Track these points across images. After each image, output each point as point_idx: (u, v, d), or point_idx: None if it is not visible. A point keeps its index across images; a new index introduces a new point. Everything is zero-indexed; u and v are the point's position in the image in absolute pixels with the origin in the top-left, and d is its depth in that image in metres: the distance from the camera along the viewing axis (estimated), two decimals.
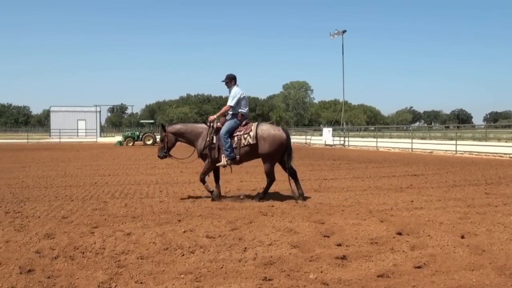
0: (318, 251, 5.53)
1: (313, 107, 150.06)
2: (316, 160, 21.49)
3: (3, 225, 7.04)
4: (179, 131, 9.62)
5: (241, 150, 9.21)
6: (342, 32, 56.28)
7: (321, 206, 8.64)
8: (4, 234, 6.45)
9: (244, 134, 9.21)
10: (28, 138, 52.66)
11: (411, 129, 61.08)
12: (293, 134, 56.07)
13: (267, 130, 9.34)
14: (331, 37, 58.03)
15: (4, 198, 9.65)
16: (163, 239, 6.12)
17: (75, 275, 4.69)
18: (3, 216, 7.77)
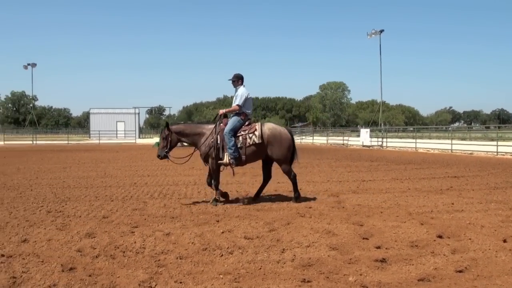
0: (357, 253, 5.50)
1: (351, 107, 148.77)
2: (354, 161, 21.30)
3: (45, 224, 7.25)
4: (183, 131, 9.40)
5: (246, 150, 9.10)
6: (380, 31, 55.71)
7: (360, 208, 8.57)
8: (46, 232, 6.64)
9: (249, 134, 9.12)
10: (68, 140, 53.79)
11: (450, 130, 60.08)
12: (330, 135, 55.69)
13: (274, 129, 9.33)
14: (368, 36, 57.55)
15: (46, 198, 9.92)
16: (202, 239, 6.19)
17: (116, 273, 4.80)
18: (45, 215, 8.00)
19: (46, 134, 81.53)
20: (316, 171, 15.97)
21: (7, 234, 6.53)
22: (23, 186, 11.98)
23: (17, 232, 6.62)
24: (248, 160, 9.24)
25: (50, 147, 41.35)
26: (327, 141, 47.78)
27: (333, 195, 10.08)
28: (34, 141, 50.32)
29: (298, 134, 64.62)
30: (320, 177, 13.91)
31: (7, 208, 8.67)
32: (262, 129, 9.17)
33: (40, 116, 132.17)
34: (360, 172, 15.79)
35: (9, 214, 8.07)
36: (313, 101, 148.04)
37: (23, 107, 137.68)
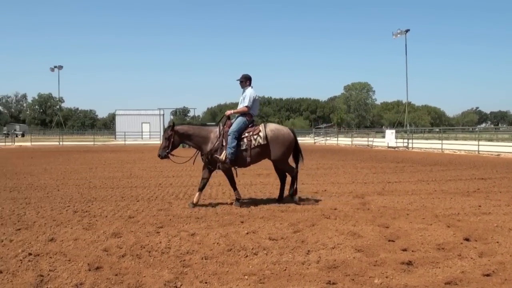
0: (383, 255, 5.44)
1: (375, 108, 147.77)
2: (379, 162, 21.12)
3: (72, 223, 7.35)
4: (186, 133, 9.18)
5: (251, 152, 9.03)
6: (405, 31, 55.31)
7: (385, 209, 8.49)
8: (73, 232, 6.73)
9: (254, 135, 9.05)
10: (94, 141, 54.49)
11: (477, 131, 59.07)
12: (355, 136, 55.32)
13: (277, 129, 9.30)
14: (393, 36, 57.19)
15: (72, 198, 10.06)
16: (227, 240, 6.20)
17: (142, 273, 4.84)
18: (72, 215, 8.12)
19: (72, 135, 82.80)
20: (341, 173, 15.88)
21: (35, 233, 6.65)
22: (50, 186, 12.18)
23: (44, 231, 6.73)
24: (252, 161, 9.18)
25: (76, 148, 42.03)
26: (352, 142, 47.48)
27: (358, 197, 10.01)
28: (60, 142, 51.11)
29: (322, 135, 64.34)
30: (345, 179, 13.83)
31: (34, 207, 8.83)
32: (266, 130, 9.13)
33: (66, 117, 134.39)
34: (385, 173, 15.65)
35: (36, 213, 8.22)
36: (338, 102, 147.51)
37: (50, 108, 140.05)
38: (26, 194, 10.67)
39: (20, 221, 7.54)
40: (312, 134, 71.08)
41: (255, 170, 15.95)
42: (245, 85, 9.42)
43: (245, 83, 9.42)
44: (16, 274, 4.80)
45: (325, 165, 19.22)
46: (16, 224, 7.29)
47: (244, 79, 9.41)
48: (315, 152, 31.55)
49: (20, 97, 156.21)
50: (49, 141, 56.98)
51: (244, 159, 9.06)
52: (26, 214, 8.12)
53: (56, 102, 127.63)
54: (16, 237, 6.37)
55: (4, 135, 67.48)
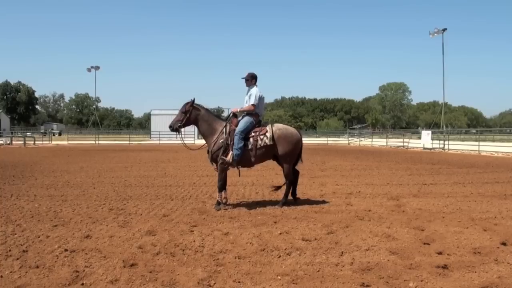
0: (418, 258, 5.37)
1: (411, 109, 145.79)
2: (415, 164, 20.81)
3: (107, 221, 7.49)
4: (202, 116, 9.06)
5: (257, 152, 8.89)
6: (442, 30, 54.31)
7: (421, 212, 8.37)
8: (108, 229, 6.86)
9: (260, 135, 8.92)
10: (129, 140, 55.47)
11: None
12: (390, 137, 54.65)
13: (285, 129, 9.18)
14: (430, 36, 56.22)
15: (108, 196, 10.24)
16: (260, 240, 6.22)
17: (175, 271, 4.90)
18: (107, 212, 8.27)
19: (108, 135, 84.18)
20: (375, 174, 15.71)
21: (71, 230, 6.80)
22: (86, 184, 12.43)
23: (80, 228, 6.88)
24: (257, 161, 9.07)
25: (112, 147, 42.71)
26: (387, 143, 46.94)
27: (393, 199, 9.89)
28: (96, 141, 52.16)
29: (356, 136, 63.79)
30: (379, 180, 13.68)
31: (70, 205, 9.02)
32: (273, 130, 9.01)
33: (102, 117, 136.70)
34: (421, 175, 15.41)
35: (73, 211, 8.40)
36: (373, 103, 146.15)
37: (86, 108, 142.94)
38: (62, 191, 10.92)
39: (56, 217, 7.73)
40: (346, 134, 70.49)
41: None
42: (250, 84, 9.29)
43: (250, 82, 9.28)
44: (52, 270, 4.92)
45: (359, 166, 19.05)
46: (52, 220, 7.47)
47: (250, 77, 9.28)
48: (349, 153, 31.30)
49: (58, 97, 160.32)
50: (86, 140, 58.19)
51: (249, 159, 8.94)
52: (62, 211, 8.31)
53: (92, 102, 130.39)
54: (53, 233, 6.53)
55: (42, 134, 69.12)
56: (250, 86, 9.27)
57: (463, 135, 68.35)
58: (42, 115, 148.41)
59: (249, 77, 9.28)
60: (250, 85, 9.28)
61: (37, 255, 5.44)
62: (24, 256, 5.40)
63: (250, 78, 9.27)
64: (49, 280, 4.61)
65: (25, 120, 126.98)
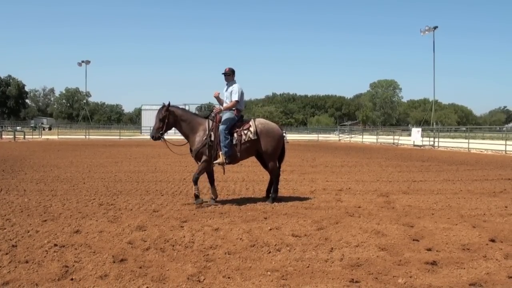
0: (407, 255, 5.40)
1: (402, 106, 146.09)
2: (405, 161, 20.91)
3: (97, 216, 7.46)
4: (180, 118, 8.84)
5: (241, 147, 8.83)
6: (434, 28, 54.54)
7: (410, 208, 8.41)
8: (98, 224, 6.84)
9: (244, 130, 8.86)
10: (120, 135, 55.18)
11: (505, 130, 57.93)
12: (380, 134, 54.87)
13: (267, 124, 9.17)
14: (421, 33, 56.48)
15: (98, 191, 10.21)
16: (250, 235, 6.22)
17: (165, 266, 4.90)
18: (97, 207, 8.24)
19: (98, 129, 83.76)
20: (365, 171, 15.77)
21: (60, 224, 6.77)
22: (76, 179, 12.38)
23: (69, 223, 6.85)
24: (242, 157, 9.03)
25: (102, 142, 42.55)
26: (377, 140, 47.14)
27: (383, 195, 9.93)
28: (87, 136, 51.80)
29: (347, 133, 63.93)
30: (369, 177, 13.73)
31: (60, 199, 8.98)
32: (256, 125, 8.99)
33: (93, 111, 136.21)
34: (410, 172, 15.49)
35: (62, 205, 8.36)
36: (363, 100, 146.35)
37: (77, 103, 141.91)
38: (52, 186, 10.87)
39: (46, 212, 7.69)
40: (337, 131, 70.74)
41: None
42: (231, 79, 9.24)
43: (231, 77, 9.24)
44: (41, 264, 4.90)
45: (350, 163, 19.11)
46: (42, 215, 7.43)
47: (231, 72, 9.23)
48: (339, 149, 31.38)
49: (48, 91, 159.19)
50: (76, 135, 57.85)
51: (235, 155, 8.87)
52: (52, 206, 8.27)
53: (83, 96, 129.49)
54: (42, 228, 6.50)
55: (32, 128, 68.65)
56: (230, 81, 9.24)
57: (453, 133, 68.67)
58: (32, 109, 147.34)
59: (230, 72, 9.22)
60: (230, 80, 9.24)
61: (27, 250, 5.41)
62: (14, 251, 5.37)
63: (231, 73, 9.23)
64: (38, 275, 4.58)
65: (15, 114, 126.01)
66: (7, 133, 49.78)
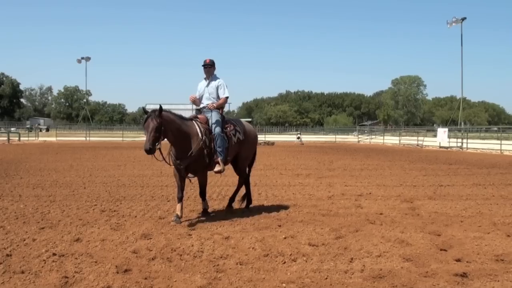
0: (434, 266, 5.36)
1: (426, 104, 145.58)
2: (430, 164, 20.79)
3: (99, 223, 7.51)
4: (173, 124, 7.69)
5: (231, 150, 8.42)
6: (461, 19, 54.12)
7: (437, 215, 8.36)
8: (100, 232, 6.87)
9: (232, 131, 8.44)
10: (123, 136, 55.58)
11: None
12: (403, 134, 54.61)
13: (248, 125, 9.12)
14: (448, 25, 56.07)
15: (99, 197, 10.27)
16: (263, 244, 6.22)
17: (172, 277, 4.91)
18: (99, 214, 8.29)
19: (99, 131, 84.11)
20: (387, 174, 15.70)
21: (59, 232, 6.82)
22: (76, 183, 12.46)
23: (69, 231, 6.89)
24: (228, 160, 8.55)
25: (104, 144, 42.86)
26: (400, 141, 46.90)
27: (407, 201, 9.88)
28: (87, 138, 52.24)
29: (367, 133, 63.74)
30: (391, 181, 13.67)
31: (59, 206, 9.04)
32: (243, 124, 8.89)
33: (93, 111, 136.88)
34: (437, 176, 15.39)
35: (62, 212, 8.42)
36: (384, 97, 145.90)
37: (76, 102, 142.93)
38: (50, 191, 10.95)
39: (44, 219, 7.75)
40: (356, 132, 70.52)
41: (294, 170, 15.97)
42: (212, 72, 8.71)
43: (212, 69, 8.70)
44: (39, 275, 4.94)
45: (370, 166, 19.04)
46: (39, 222, 7.49)
47: (212, 63, 8.69)
48: (359, 151, 31.28)
49: (45, 90, 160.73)
50: (75, 137, 58.22)
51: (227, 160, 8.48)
52: (50, 213, 8.33)
53: (83, 95, 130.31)
54: (40, 236, 6.54)
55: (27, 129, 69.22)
56: (212, 75, 8.72)
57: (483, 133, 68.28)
58: (27, 109, 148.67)
59: (211, 63, 8.69)
60: (211, 73, 8.72)
61: (22, 260, 5.44)
62: (8, 261, 5.41)
63: (212, 65, 8.71)
64: (35, 286, 4.62)
65: (9, 115, 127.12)
66: (0, 135, 50.22)
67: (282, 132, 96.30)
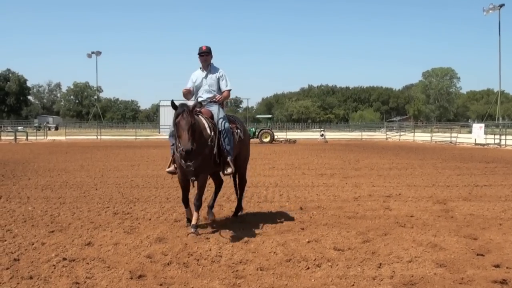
0: (470, 272, 5.30)
1: (460, 98, 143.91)
2: (465, 162, 20.59)
3: (112, 226, 7.57)
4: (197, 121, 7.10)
5: (235, 149, 7.87)
6: (499, 6, 53.48)
7: (472, 218, 8.28)
8: (113, 236, 6.93)
9: (236, 129, 8.06)
10: (136, 135, 55.84)
11: None
12: (435, 131, 54.19)
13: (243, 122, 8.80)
14: (484, 13, 55.48)
15: (112, 198, 10.37)
16: (285, 249, 6.21)
17: (189, 283, 4.93)
18: (112, 217, 8.37)
19: (111, 129, 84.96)
20: (418, 174, 15.58)
21: (70, 236, 6.88)
22: (87, 184, 12.59)
23: (80, 234, 6.95)
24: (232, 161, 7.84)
25: (116, 142, 43.15)
26: (431, 138, 46.55)
27: (440, 202, 9.80)
28: (98, 136, 52.61)
29: (396, 130, 63.34)
30: (423, 181, 13.57)
31: (69, 208, 9.14)
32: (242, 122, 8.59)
33: (105, 109, 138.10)
34: (472, 175, 15.24)
35: (72, 214, 8.51)
36: (415, 91, 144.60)
37: (87, 99, 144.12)
38: (60, 193, 11.07)
39: (53, 222, 7.83)
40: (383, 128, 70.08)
41: (318, 169, 15.94)
42: (209, 61, 8.16)
43: (210, 57, 8.17)
44: (48, 281, 4.99)
45: (400, 165, 18.92)
46: (49, 225, 7.57)
47: (209, 51, 8.15)
48: (387, 149, 31.11)
49: (54, 86, 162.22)
50: (86, 135, 58.83)
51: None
52: (60, 215, 8.43)
53: (93, 91, 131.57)
54: (49, 240, 6.61)
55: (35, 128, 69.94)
56: (210, 66, 8.20)
57: None
58: (35, 107, 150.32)
59: (209, 50, 8.15)
60: (209, 62, 8.18)
61: (31, 265, 5.50)
62: (16, 266, 5.47)
63: (210, 53, 8.18)
64: None
65: (16, 113, 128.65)
66: (7, 134, 50.89)
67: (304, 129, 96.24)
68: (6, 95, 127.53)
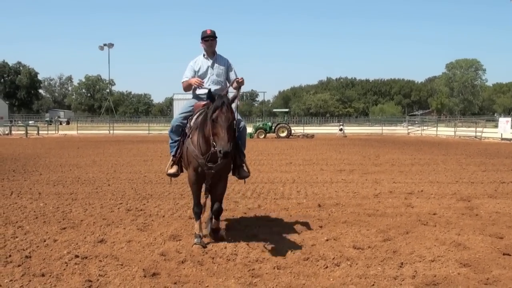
0: (496, 272, 5.27)
1: (486, 91, 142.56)
2: (490, 158, 20.42)
3: (125, 223, 7.62)
4: None
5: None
6: None
7: (498, 216, 8.21)
8: (126, 233, 6.98)
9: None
10: (149, 129, 56.03)
11: None
12: (459, 125, 53.77)
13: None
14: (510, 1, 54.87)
15: (125, 194, 10.43)
16: (303, 247, 6.22)
17: (204, 282, 4.95)
18: (125, 213, 8.42)
19: (124, 123, 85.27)
20: (441, 170, 15.48)
21: (82, 233, 6.94)
22: (99, 180, 12.68)
23: (93, 231, 7.02)
24: None
25: (128, 137, 43.43)
26: (455, 133, 46.22)
27: (464, 200, 9.74)
28: (110, 131, 52.90)
29: (418, 124, 62.95)
30: (446, 177, 13.48)
31: (81, 204, 9.22)
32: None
33: (117, 102, 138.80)
34: (498, 171, 15.12)
35: (84, 211, 8.58)
36: (438, 84, 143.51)
37: (99, 92, 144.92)
38: (72, 189, 11.17)
39: (65, 219, 7.91)
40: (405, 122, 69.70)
41: (336, 165, 15.91)
42: (214, 47, 7.42)
43: (215, 43, 7.39)
44: (60, 278, 5.03)
45: (422, 161, 18.81)
46: (61, 222, 7.64)
47: (215, 35, 7.35)
48: (408, 144, 30.93)
49: (65, 79, 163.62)
50: (98, 130, 59.12)
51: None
52: (72, 212, 8.50)
53: (106, 85, 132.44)
54: (61, 237, 6.67)
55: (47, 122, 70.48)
56: (216, 54, 7.50)
57: None
58: (46, 100, 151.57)
59: (214, 34, 7.35)
60: (214, 48, 7.44)
61: (43, 262, 5.56)
62: (27, 263, 5.53)
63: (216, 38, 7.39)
64: None
65: (26, 107, 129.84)
66: (17, 129, 51.31)
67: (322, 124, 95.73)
68: (17, 89, 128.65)
